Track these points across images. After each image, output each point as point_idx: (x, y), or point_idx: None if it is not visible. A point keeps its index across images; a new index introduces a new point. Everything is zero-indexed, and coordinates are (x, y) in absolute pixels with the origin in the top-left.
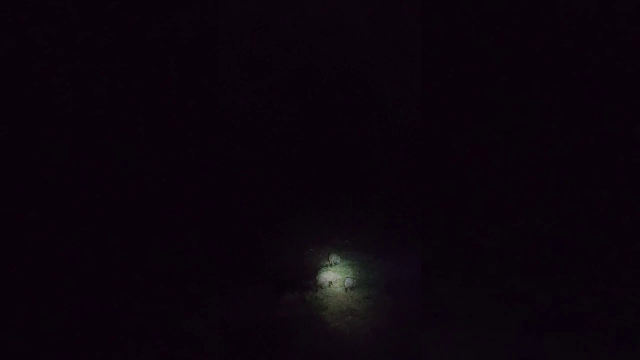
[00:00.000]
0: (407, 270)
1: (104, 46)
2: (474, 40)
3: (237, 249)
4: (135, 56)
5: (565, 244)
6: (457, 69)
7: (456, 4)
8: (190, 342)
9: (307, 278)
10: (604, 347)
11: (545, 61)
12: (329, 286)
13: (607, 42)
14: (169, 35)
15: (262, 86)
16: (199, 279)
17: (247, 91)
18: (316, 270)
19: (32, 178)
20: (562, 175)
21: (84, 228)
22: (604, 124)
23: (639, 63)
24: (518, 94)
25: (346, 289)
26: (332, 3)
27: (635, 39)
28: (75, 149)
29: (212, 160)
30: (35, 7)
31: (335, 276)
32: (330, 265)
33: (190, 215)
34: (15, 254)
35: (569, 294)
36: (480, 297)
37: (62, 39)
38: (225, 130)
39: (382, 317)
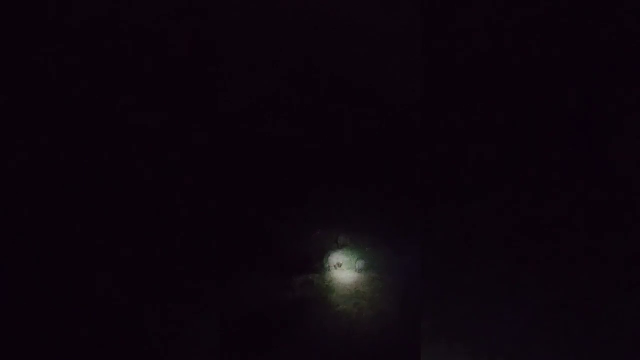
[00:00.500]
0: (415, 253)
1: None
2: (476, 38)
3: (245, 233)
4: (133, 55)
5: (571, 236)
6: (459, 66)
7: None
8: (198, 326)
9: (316, 261)
10: (607, 347)
11: (549, 60)
12: (338, 268)
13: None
14: (167, 32)
15: (264, 78)
16: (207, 264)
17: (249, 83)
18: (324, 253)
19: (26, 176)
20: (563, 172)
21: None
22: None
23: None
24: (520, 92)
25: (356, 271)
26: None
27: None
28: (73, 148)
29: (220, 148)
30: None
31: (343, 258)
32: (339, 247)
33: (199, 202)
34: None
35: (573, 290)
36: (482, 286)
37: (64, 34)
38: (229, 122)
39: (391, 300)
